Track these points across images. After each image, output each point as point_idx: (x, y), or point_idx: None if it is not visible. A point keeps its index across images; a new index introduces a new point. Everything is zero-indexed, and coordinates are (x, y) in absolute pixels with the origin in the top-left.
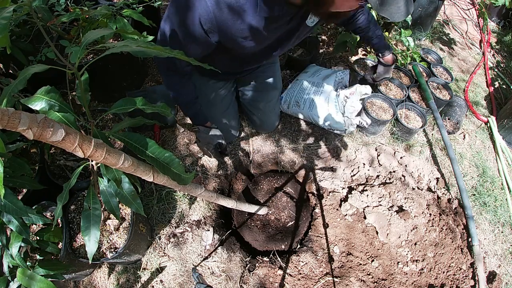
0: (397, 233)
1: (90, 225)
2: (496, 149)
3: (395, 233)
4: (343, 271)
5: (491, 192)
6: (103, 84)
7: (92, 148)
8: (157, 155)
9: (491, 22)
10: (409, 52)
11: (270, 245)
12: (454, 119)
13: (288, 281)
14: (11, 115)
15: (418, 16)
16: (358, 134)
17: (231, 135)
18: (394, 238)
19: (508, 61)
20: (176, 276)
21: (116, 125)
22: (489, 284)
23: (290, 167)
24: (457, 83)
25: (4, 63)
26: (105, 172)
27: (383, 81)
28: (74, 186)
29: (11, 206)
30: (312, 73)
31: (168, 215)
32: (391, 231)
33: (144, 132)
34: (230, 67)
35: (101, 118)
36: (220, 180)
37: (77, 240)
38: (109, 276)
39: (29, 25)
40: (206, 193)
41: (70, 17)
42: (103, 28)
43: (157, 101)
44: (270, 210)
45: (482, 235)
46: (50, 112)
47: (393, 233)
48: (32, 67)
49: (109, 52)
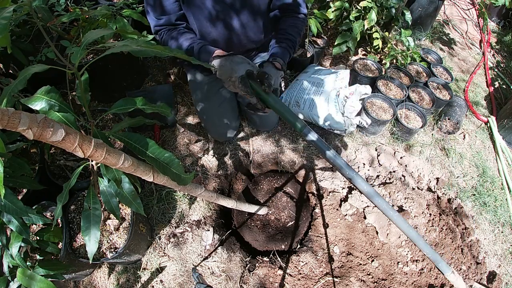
0: (397, 233)
1: (90, 225)
2: (496, 149)
3: (395, 233)
4: (343, 271)
5: (491, 192)
6: (103, 84)
7: (92, 148)
8: (157, 155)
9: (491, 22)
10: (409, 52)
11: (270, 245)
12: (454, 119)
13: (288, 281)
14: (11, 115)
15: (418, 16)
16: (358, 134)
17: (226, 135)
18: (394, 238)
19: (508, 61)
20: (176, 276)
21: (116, 125)
22: (489, 284)
23: (290, 167)
24: (457, 83)
25: (4, 63)
26: (105, 172)
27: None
28: (74, 186)
29: (11, 206)
30: (312, 73)
31: (168, 215)
32: (391, 231)
33: (144, 132)
34: (207, 28)
35: (101, 118)
36: (220, 180)
37: (77, 240)
38: (109, 276)
39: (29, 25)
40: (206, 193)
41: (70, 17)
42: (103, 28)
43: (157, 101)
44: (270, 210)
45: (482, 235)
46: (50, 112)
47: (393, 233)
48: (32, 67)
49: (109, 52)
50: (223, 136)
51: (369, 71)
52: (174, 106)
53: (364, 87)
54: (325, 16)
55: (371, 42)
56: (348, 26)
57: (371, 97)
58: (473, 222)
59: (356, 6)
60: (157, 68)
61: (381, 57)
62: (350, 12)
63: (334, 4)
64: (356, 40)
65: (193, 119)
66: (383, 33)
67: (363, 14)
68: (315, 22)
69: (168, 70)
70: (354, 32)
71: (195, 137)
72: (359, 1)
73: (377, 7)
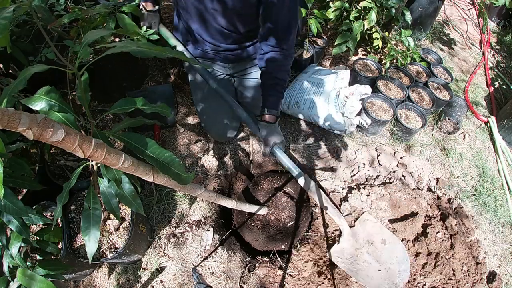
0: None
1: (90, 225)
2: (496, 149)
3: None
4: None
5: (491, 192)
6: (103, 84)
7: (92, 148)
8: (157, 155)
9: (491, 22)
10: (409, 52)
11: (270, 245)
12: (454, 119)
13: (288, 281)
14: (11, 115)
15: (418, 16)
16: (358, 134)
17: (226, 135)
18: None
19: (508, 61)
20: (176, 276)
21: (116, 125)
22: (489, 284)
23: None
24: (457, 83)
25: (4, 63)
26: (105, 172)
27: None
28: (74, 186)
29: (11, 206)
30: (312, 73)
31: (168, 215)
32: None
33: (144, 132)
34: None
35: (101, 118)
36: (220, 180)
37: (77, 240)
38: (109, 276)
39: (29, 25)
40: (206, 193)
41: (71, 17)
42: (103, 29)
43: (157, 101)
44: (270, 210)
45: (482, 235)
46: (50, 112)
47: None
48: (32, 67)
49: (109, 52)
50: (223, 136)
51: (369, 71)
52: (174, 106)
53: (364, 87)
54: (325, 16)
55: (371, 42)
56: (348, 26)
57: (371, 97)
58: (473, 222)
59: (356, 6)
60: (157, 68)
61: (381, 57)
62: (350, 12)
63: (334, 4)
64: (356, 40)
65: (193, 119)
66: (383, 33)
67: (363, 14)
68: (315, 22)
69: (168, 70)
70: (354, 32)
71: (195, 137)
72: (359, 1)
73: (377, 7)
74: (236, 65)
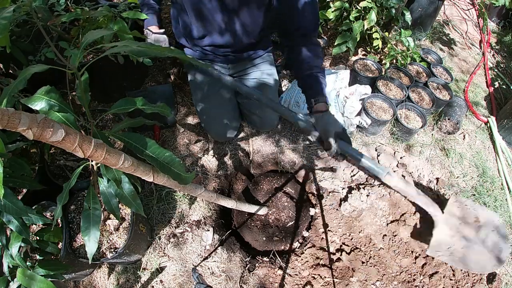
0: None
1: (90, 225)
2: (496, 149)
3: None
4: (343, 271)
5: (491, 192)
6: (103, 84)
7: (92, 148)
8: (157, 155)
9: (491, 22)
10: (409, 52)
11: (270, 245)
12: (454, 119)
13: (288, 281)
14: (11, 115)
15: (418, 16)
16: (358, 134)
17: (226, 135)
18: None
19: (508, 61)
20: (176, 276)
21: (116, 125)
22: (489, 284)
23: (290, 167)
24: (457, 83)
25: (4, 63)
26: (105, 172)
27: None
28: (74, 186)
29: (11, 206)
30: None
31: (168, 215)
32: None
33: (144, 132)
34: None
35: (101, 118)
36: (220, 180)
37: (77, 240)
38: (109, 276)
39: (29, 25)
40: (206, 193)
41: (70, 17)
42: (103, 29)
43: (157, 101)
44: (270, 210)
45: None
46: (50, 112)
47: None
48: (32, 67)
49: (109, 52)
50: (223, 136)
51: (369, 71)
52: (174, 106)
53: (364, 87)
54: (325, 16)
55: (371, 42)
56: (348, 26)
57: (371, 97)
58: None
59: (356, 6)
60: (157, 68)
61: (381, 57)
62: (350, 12)
63: (334, 4)
64: (356, 40)
65: (193, 119)
66: (383, 33)
67: (363, 14)
68: None
69: (168, 70)
70: (354, 32)
71: (195, 137)
72: (359, 1)
73: (377, 7)
74: (235, 65)
